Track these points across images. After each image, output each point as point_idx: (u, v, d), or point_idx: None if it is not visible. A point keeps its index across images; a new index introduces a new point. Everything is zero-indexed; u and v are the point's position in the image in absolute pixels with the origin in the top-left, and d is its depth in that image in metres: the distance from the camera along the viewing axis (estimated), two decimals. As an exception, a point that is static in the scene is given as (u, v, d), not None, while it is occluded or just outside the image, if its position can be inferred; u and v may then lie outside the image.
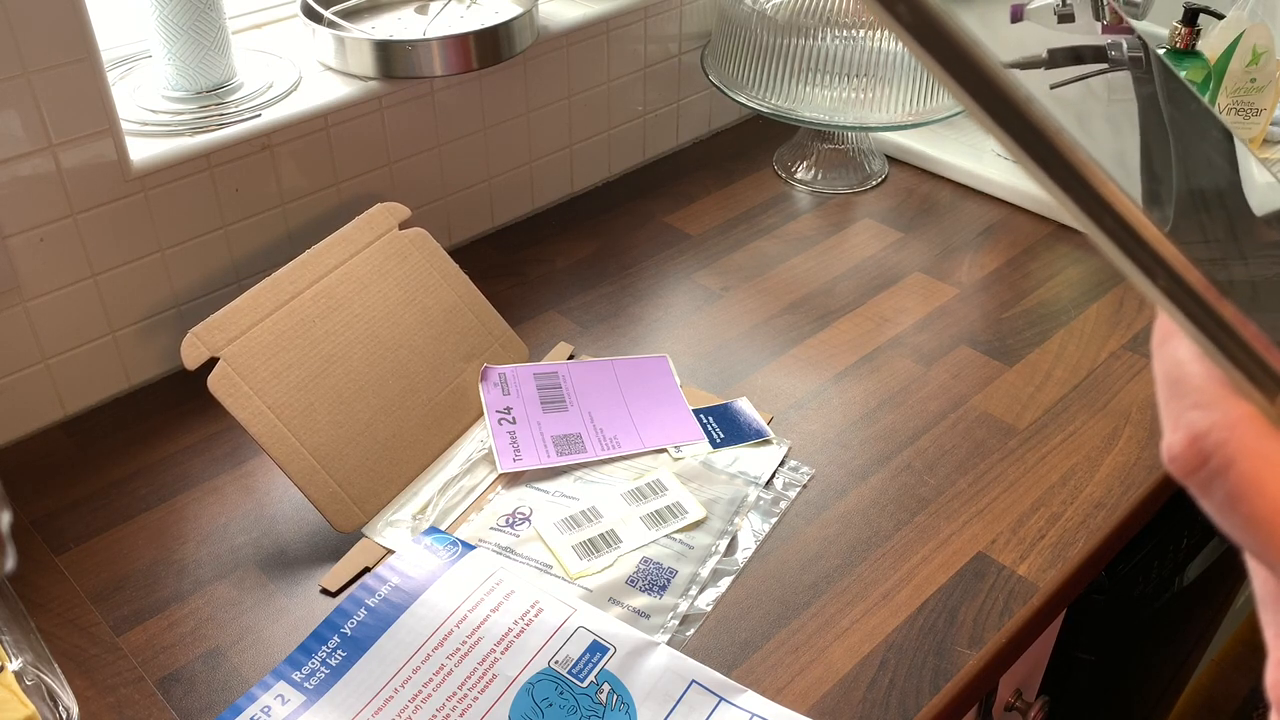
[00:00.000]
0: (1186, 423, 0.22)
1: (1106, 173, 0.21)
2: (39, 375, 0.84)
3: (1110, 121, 0.25)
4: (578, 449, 0.82)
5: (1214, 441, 0.22)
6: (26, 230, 0.79)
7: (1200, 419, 0.22)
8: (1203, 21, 1.07)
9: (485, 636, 0.68)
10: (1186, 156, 0.27)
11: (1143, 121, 0.27)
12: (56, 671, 0.66)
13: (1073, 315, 0.98)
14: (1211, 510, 0.22)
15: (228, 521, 0.78)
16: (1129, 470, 0.82)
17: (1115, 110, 0.27)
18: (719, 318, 0.98)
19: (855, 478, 0.81)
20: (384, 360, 0.82)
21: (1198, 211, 0.24)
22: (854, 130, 1.13)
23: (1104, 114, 0.25)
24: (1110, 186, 0.21)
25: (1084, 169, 0.21)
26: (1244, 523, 0.22)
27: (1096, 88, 0.27)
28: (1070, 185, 0.21)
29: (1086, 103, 0.25)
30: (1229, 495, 0.22)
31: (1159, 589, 1.01)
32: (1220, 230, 0.24)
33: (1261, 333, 0.21)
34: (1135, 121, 0.27)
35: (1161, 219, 0.22)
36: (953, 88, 0.20)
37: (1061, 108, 0.21)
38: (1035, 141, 0.21)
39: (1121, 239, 0.21)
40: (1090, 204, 0.21)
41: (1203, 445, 0.22)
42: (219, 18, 0.87)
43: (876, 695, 0.66)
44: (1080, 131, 0.21)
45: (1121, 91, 0.28)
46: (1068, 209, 0.21)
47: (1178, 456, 0.22)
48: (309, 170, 0.92)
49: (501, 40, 0.95)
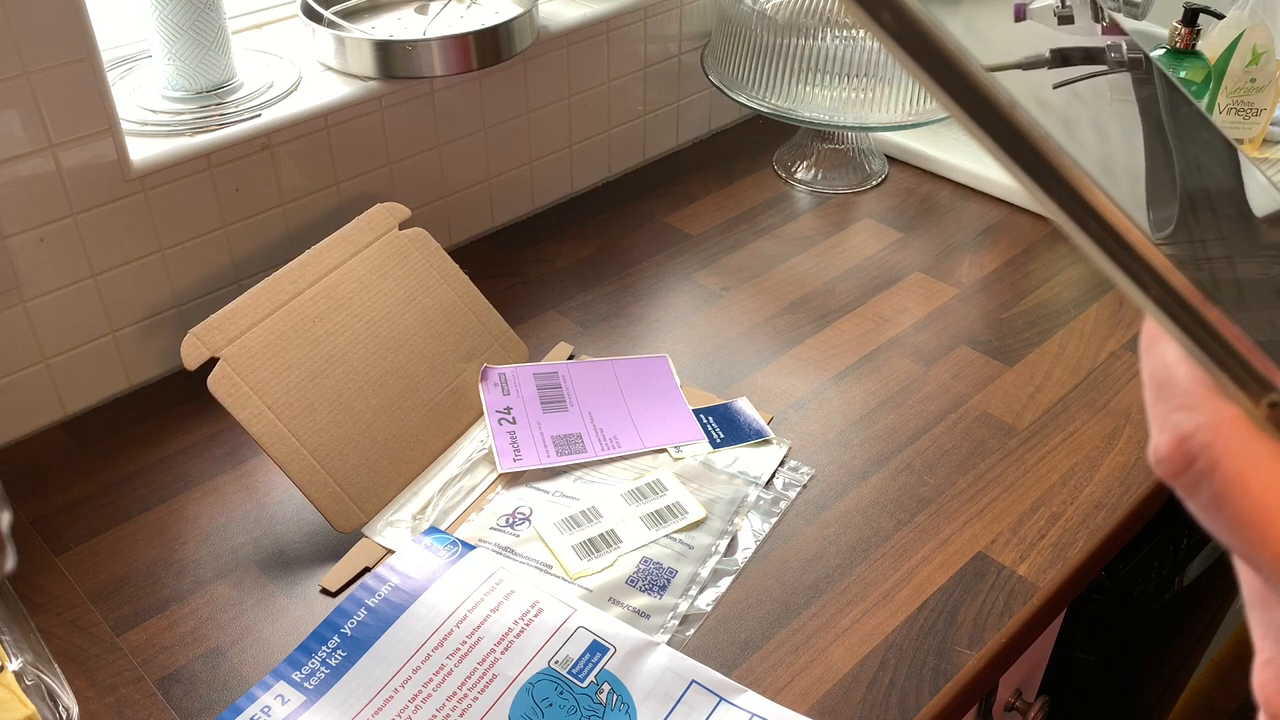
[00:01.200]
0: (1173, 424, 0.22)
1: (1091, 177, 0.21)
2: (39, 375, 0.84)
3: (1100, 126, 0.25)
4: (578, 449, 0.82)
5: (1199, 443, 0.22)
6: (26, 230, 0.79)
7: (1186, 421, 0.22)
8: (1203, 21, 1.07)
9: (485, 636, 0.68)
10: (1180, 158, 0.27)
11: (1143, 124, 0.27)
12: (56, 671, 0.66)
13: (1073, 315, 0.98)
14: (1197, 511, 0.22)
15: (228, 521, 0.78)
16: (1129, 470, 0.82)
17: (1108, 114, 0.27)
18: (719, 318, 0.98)
19: (855, 478, 0.81)
20: (384, 360, 0.82)
21: (1188, 214, 0.24)
22: (854, 130, 1.13)
23: (1093, 118, 0.25)
24: (1095, 191, 0.21)
25: (1067, 174, 0.21)
26: (1229, 524, 0.22)
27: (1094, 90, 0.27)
28: (1053, 189, 0.21)
29: (1074, 107, 0.25)
30: (1214, 496, 0.22)
31: (1159, 589, 1.01)
32: (1209, 232, 0.24)
33: (1246, 335, 0.21)
34: (1131, 124, 0.27)
35: (1160, 221, 0.22)
36: (937, 93, 0.20)
37: (1048, 113, 0.21)
38: (1019, 146, 0.21)
39: (1106, 243, 0.21)
40: (1074, 209, 0.21)
41: (1188, 447, 0.22)
42: (219, 18, 0.87)
43: (876, 695, 0.66)
44: (1067, 136, 0.21)
45: (1118, 94, 0.28)
46: (1051, 213, 0.21)
47: (1164, 459, 0.22)
48: (309, 170, 0.92)
49: (501, 40, 0.95)
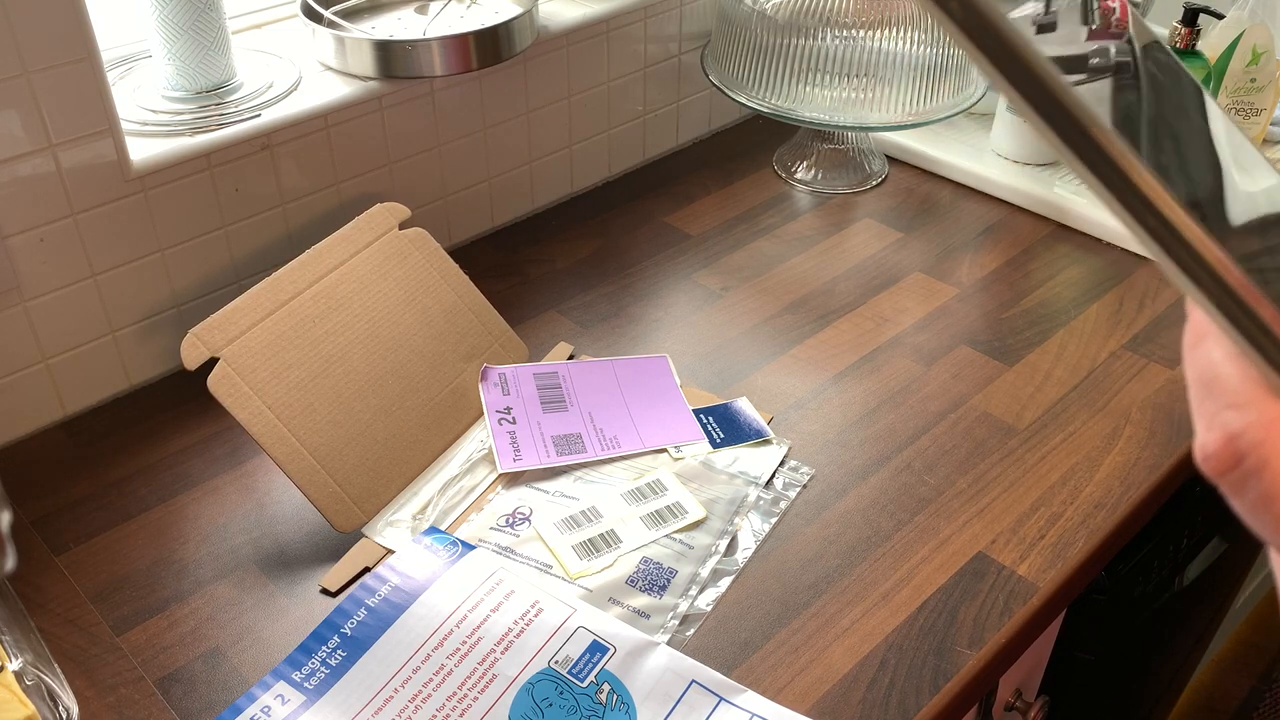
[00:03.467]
0: (1221, 423, 0.22)
1: (1152, 172, 0.21)
2: (39, 375, 0.84)
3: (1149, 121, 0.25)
4: (578, 449, 0.82)
5: (1249, 442, 0.22)
6: (26, 230, 0.79)
7: (1235, 419, 0.22)
8: (1203, 21, 1.07)
9: (485, 636, 0.68)
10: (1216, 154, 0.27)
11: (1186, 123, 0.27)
12: (56, 671, 0.66)
13: (1073, 315, 0.98)
14: (1243, 510, 0.22)
15: (228, 521, 0.78)
16: (1129, 470, 0.82)
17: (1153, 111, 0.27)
18: (719, 318, 0.98)
19: (855, 478, 0.81)
20: (384, 360, 0.82)
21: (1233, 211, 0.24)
22: (854, 130, 1.13)
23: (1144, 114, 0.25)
24: (1156, 188, 0.21)
25: (1126, 167, 0.21)
26: (1277, 523, 0.22)
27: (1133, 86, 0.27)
28: (1114, 183, 0.21)
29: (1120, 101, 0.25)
30: (1263, 495, 0.22)
31: (1159, 589, 1.01)
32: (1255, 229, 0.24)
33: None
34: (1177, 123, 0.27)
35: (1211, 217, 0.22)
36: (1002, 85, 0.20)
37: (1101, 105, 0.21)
38: (1076, 135, 0.21)
39: (1164, 239, 0.21)
40: (1133, 203, 0.21)
41: (1237, 446, 0.22)
42: (219, 18, 0.87)
43: (876, 695, 0.66)
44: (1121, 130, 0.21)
45: (1144, 91, 0.28)
46: (1109, 204, 0.21)
47: (1211, 456, 0.22)
48: (309, 170, 0.92)
49: (501, 40, 0.95)
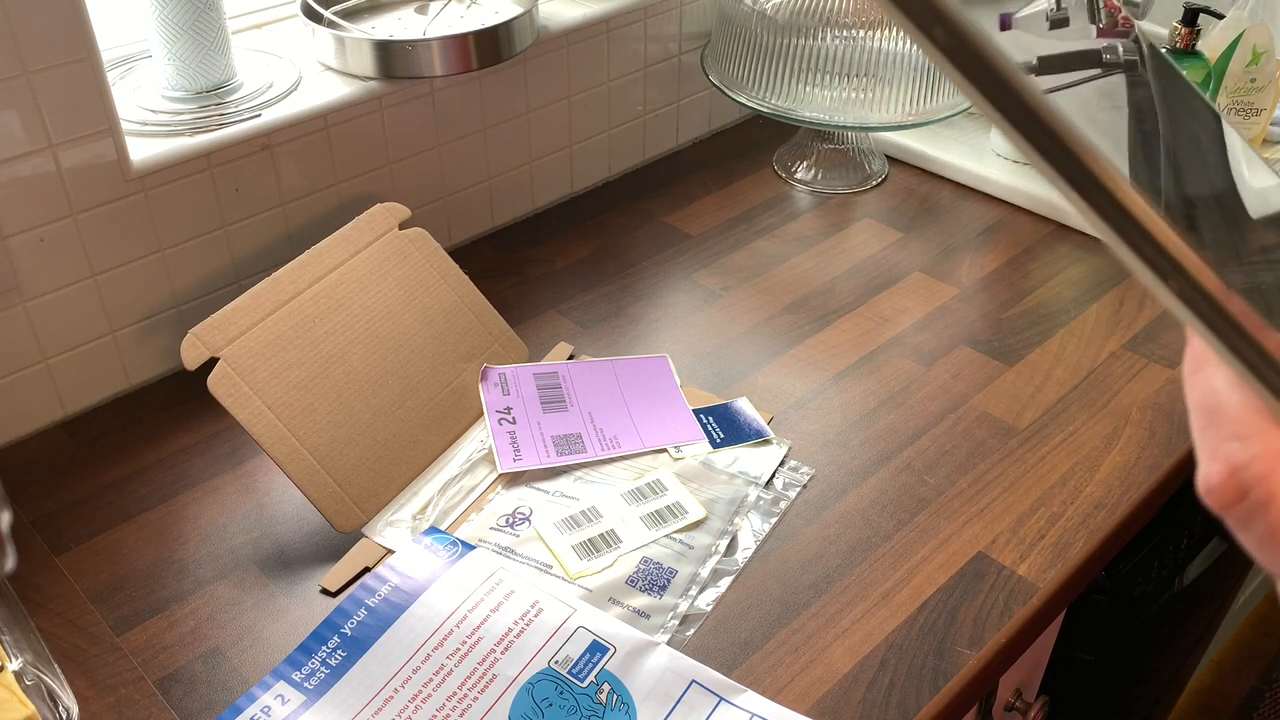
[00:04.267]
0: (1225, 454, 0.21)
1: (1152, 206, 0.20)
2: (39, 375, 0.84)
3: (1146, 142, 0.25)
4: (578, 449, 0.82)
5: (1254, 474, 0.21)
6: (26, 230, 0.79)
7: (1239, 451, 0.21)
8: (1203, 21, 1.07)
9: (485, 636, 0.68)
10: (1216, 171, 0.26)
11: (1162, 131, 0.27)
12: (56, 671, 0.66)
13: (1073, 315, 0.98)
14: (1249, 544, 0.22)
15: (228, 521, 0.78)
16: (1129, 470, 0.82)
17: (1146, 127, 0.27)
18: (719, 318, 0.98)
19: (855, 478, 0.81)
20: (384, 360, 0.82)
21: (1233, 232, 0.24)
22: (854, 130, 1.13)
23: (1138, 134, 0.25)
24: (1156, 221, 0.20)
25: (1119, 193, 0.20)
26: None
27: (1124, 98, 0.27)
28: (1104, 209, 0.20)
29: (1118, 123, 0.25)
30: (1269, 530, 0.21)
31: (1159, 589, 1.01)
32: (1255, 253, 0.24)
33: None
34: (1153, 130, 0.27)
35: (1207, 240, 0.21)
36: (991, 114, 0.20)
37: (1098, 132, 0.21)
38: (1067, 163, 0.20)
39: (1162, 268, 0.20)
40: (1126, 229, 0.20)
41: (1242, 478, 0.21)
42: (219, 18, 0.87)
43: (876, 695, 0.66)
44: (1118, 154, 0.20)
45: (1129, 99, 0.28)
46: (1103, 235, 0.21)
47: (1215, 489, 0.21)
48: (309, 170, 0.92)
49: (501, 40, 0.95)
